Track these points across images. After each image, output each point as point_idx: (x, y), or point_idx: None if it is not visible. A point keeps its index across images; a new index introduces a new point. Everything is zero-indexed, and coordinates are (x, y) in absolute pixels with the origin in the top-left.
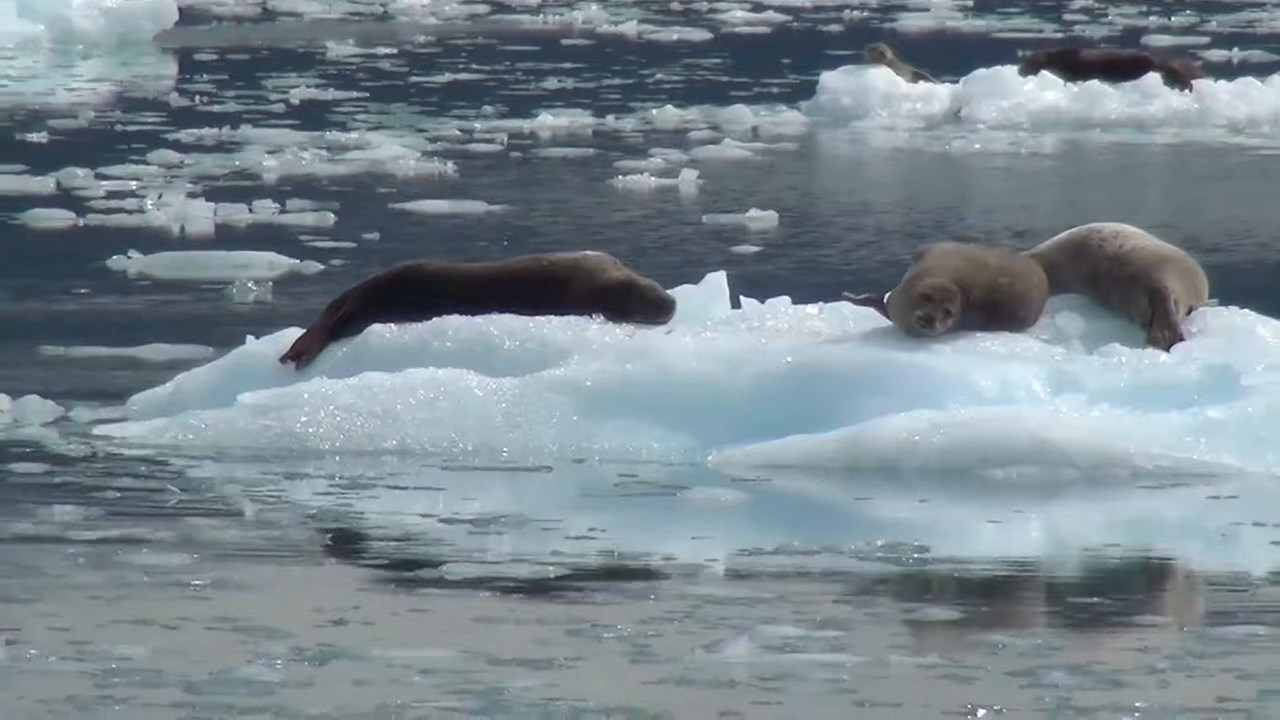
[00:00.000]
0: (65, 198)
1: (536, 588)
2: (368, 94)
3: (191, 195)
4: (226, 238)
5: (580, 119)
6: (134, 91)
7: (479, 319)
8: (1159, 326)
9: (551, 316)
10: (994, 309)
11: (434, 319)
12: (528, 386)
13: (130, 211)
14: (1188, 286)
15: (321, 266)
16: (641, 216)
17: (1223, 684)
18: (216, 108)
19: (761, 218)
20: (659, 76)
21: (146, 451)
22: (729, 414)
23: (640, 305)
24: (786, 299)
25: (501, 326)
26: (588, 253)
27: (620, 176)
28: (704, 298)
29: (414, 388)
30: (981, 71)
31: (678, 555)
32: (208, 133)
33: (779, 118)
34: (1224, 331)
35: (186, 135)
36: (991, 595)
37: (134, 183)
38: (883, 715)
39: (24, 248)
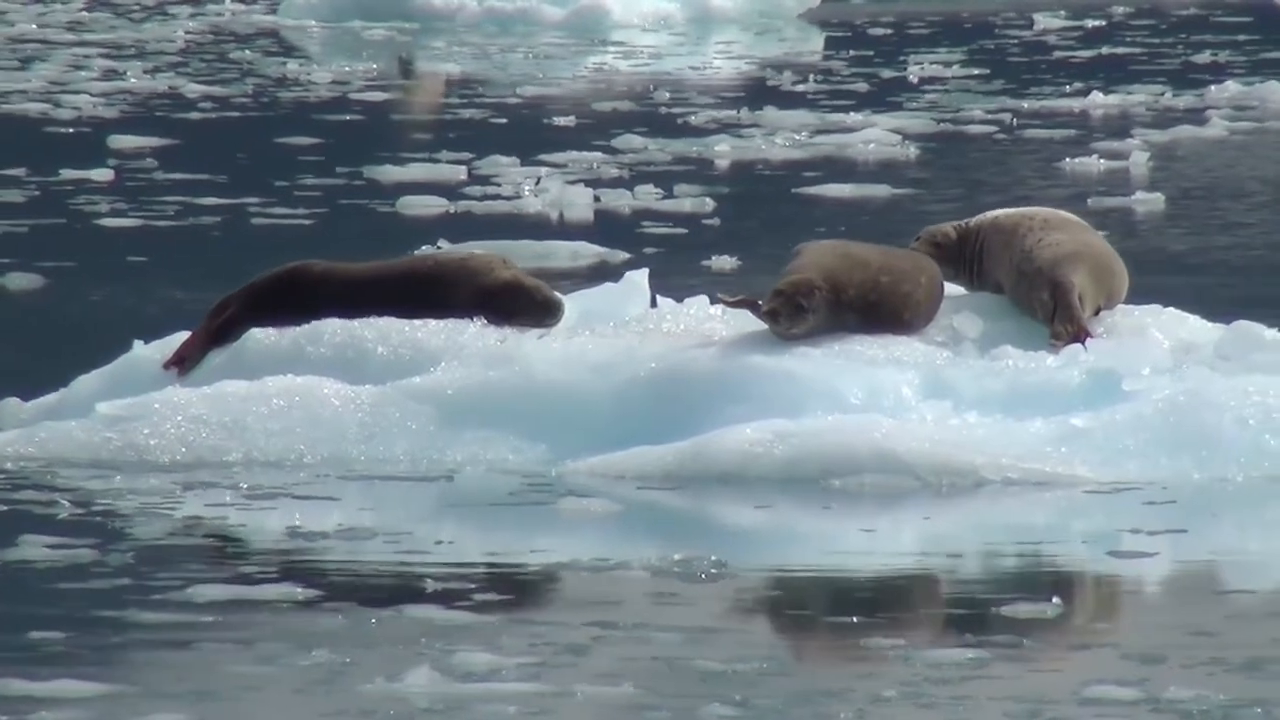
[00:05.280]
0: (462, 184)
1: (269, 610)
2: (988, 70)
3: (570, 182)
4: (604, 224)
5: (1135, 96)
6: (739, 70)
7: (355, 323)
8: (1061, 321)
9: (430, 320)
10: (872, 309)
11: (312, 323)
12: (386, 395)
13: (507, 198)
14: (1097, 284)
15: (628, 255)
16: (1036, 199)
17: (886, 714)
18: (801, 88)
19: (1148, 200)
20: None
21: None
22: (590, 423)
23: (527, 306)
24: (704, 299)
25: (377, 331)
26: (475, 252)
27: (1068, 160)
28: (621, 297)
29: (268, 396)
30: None
31: (453, 575)
32: (724, 115)
33: None
34: (1124, 331)
35: (700, 118)
36: (753, 615)
37: (544, 170)
38: None
39: (369, 235)
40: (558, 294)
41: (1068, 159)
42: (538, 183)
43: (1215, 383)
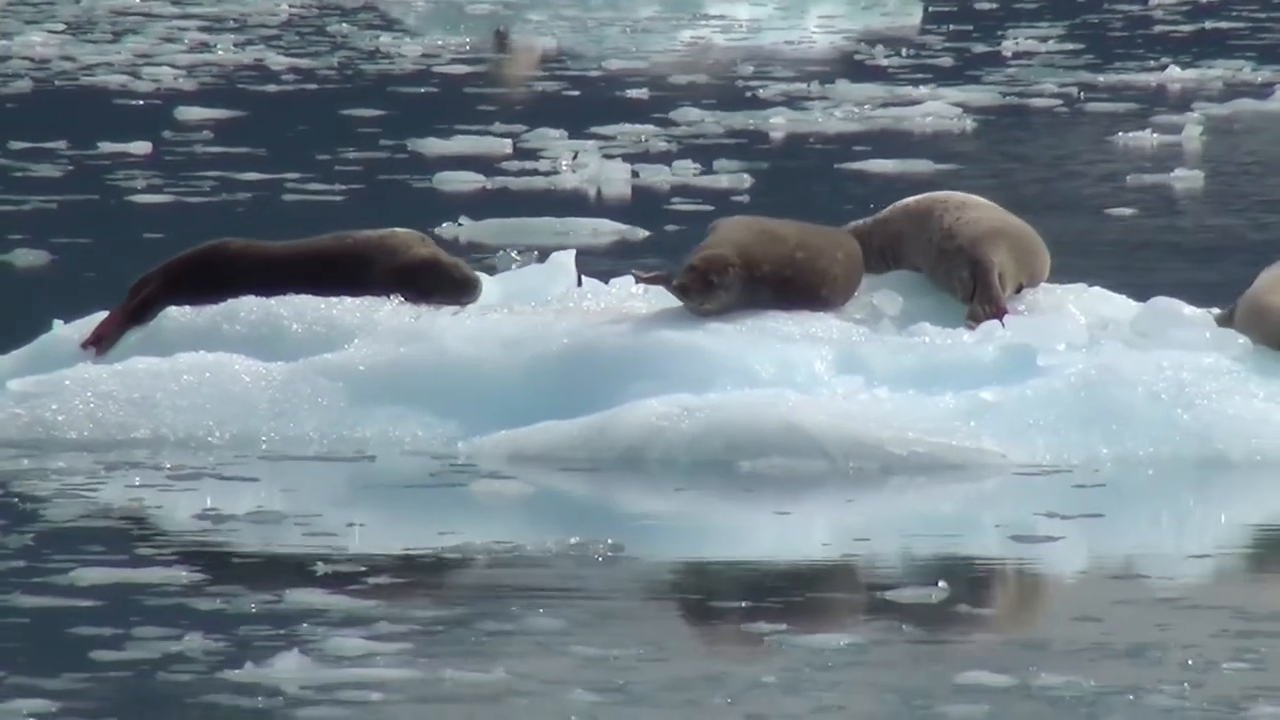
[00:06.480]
0: (505, 157)
1: (150, 594)
2: (1083, 45)
3: (608, 157)
4: (640, 200)
5: (1213, 71)
6: (833, 44)
7: (271, 300)
8: (980, 300)
9: (346, 297)
10: (788, 285)
11: (228, 300)
12: (298, 371)
13: (545, 174)
14: (1018, 262)
15: (647, 234)
16: (1082, 174)
17: (759, 699)
18: (886, 61)
19: (1187, 178)
20: None
21: None
22: (500, 399)
23: (444, 284)
24: (630, 278)
25: (292, 308)
26: (395, 230)
27: (1121, 134)
28: (546, 277)
29: (178, 373)
30: None
31: (347, 559)
32: (793, 89)
33: None
34: (1043, 309)
35: (769, 91)
36: (643, 600)
37: (589, 144)
38: None
39: (398, 209)
40: (476, 272)
41: (1120, 133)
42: (575, 158)
43: (1129, 358)
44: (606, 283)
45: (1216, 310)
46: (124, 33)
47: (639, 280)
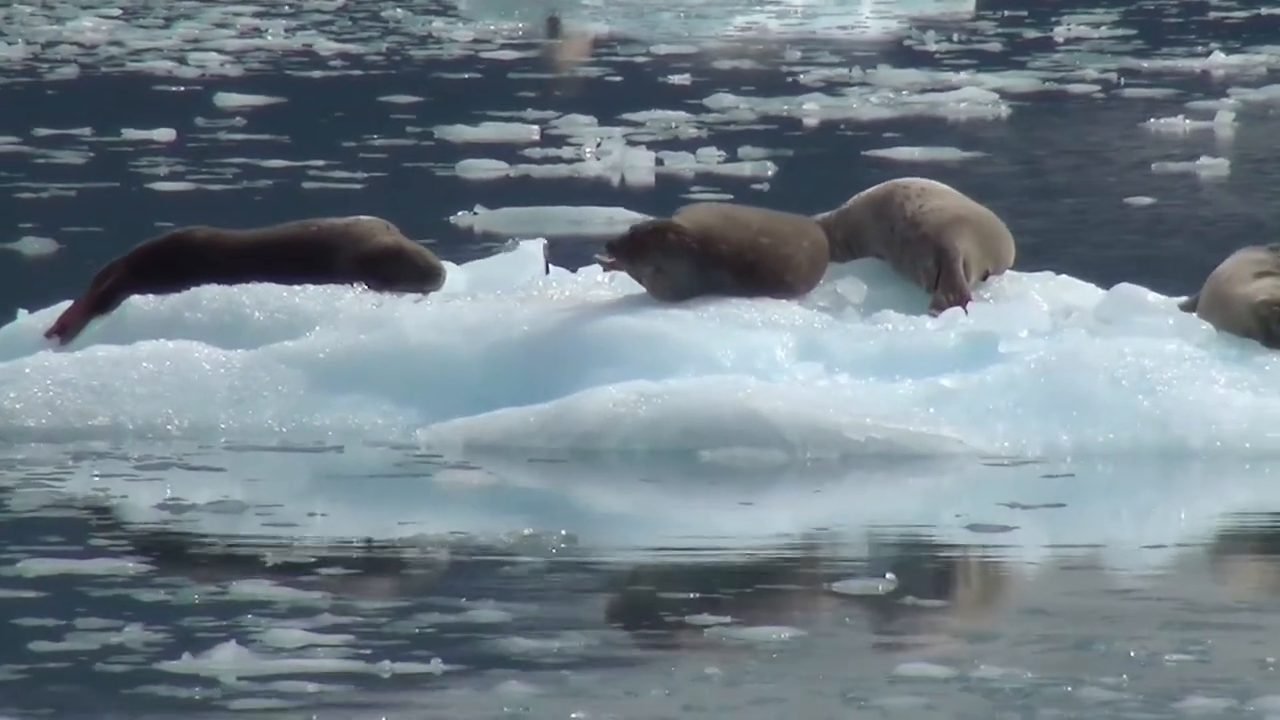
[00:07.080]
0: (532, 144)
1: (95, 585)
2: (1134, 31)
3: (632, 144)
4: (664, 187)
5: (1259, 57)
6: (886, 29)
7: (234, 288)
8: (944, 288)
9: (309, 285)
10: (750, 270)
11: (191, 289)
12: (257, 359)
13: (569, 161)
14: (983, 249)
15: None
16: (1114, 160)
17: (698, 692)
18: (934, 47)
19: (1212, 165)
20: None
21: None
22: (460, 386)
23: (408, 272)
24: (598, 268)
25: (254, 296)
26: (360, 218)
27: (1153, 120)
28: (514, 266)
29: (138, 361)
30: None
31: (297, 550)
32: (835, 74)
33: None
34: (1008, 297)
35: (810, 76)
36: (591, 592)
37: (619, 130)
38: None
39: (419, 197)
40: (439, 261)
41: (1153, 120)
42: (598, 145)
43: (1090, 344)
44: (575, 271)
45: (1182, 297)
46: (177, 18)
47: (606, 268)
